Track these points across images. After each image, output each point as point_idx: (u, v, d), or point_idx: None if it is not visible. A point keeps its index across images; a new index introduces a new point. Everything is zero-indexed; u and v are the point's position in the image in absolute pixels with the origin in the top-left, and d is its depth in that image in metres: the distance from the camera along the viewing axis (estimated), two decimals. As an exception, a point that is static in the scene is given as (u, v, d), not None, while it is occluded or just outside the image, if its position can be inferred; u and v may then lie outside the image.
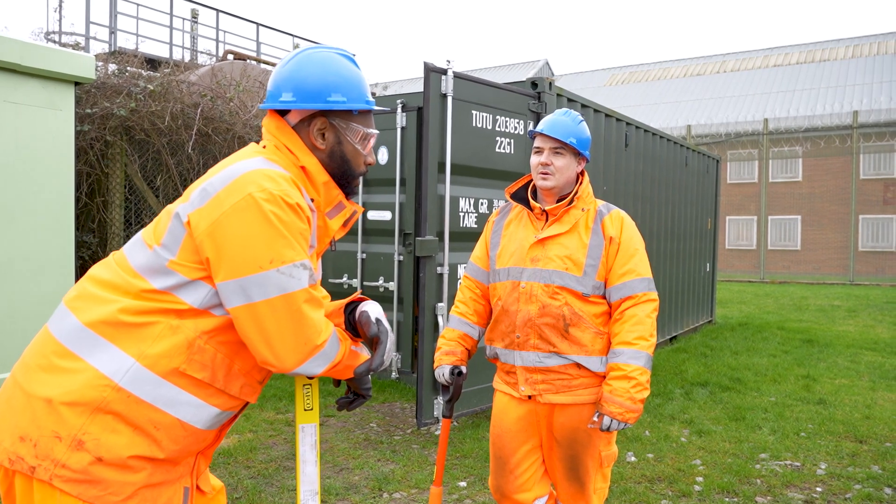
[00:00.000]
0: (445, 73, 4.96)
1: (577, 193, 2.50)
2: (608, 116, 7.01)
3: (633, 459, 4.62)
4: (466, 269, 2.73)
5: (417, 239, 4.97)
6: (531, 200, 2.56)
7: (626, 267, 2.42)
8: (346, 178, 1.73)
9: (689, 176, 9.76)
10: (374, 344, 1.69)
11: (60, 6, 10.00)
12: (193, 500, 1.65)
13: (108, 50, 10.71)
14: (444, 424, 2.63)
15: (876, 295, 17.23)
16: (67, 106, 5.97)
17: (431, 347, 4.98)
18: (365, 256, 6.65)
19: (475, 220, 5.40)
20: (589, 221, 2.48)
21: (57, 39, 10.13)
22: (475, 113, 5.23)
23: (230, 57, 11.69)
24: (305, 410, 1.68)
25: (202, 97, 8.72)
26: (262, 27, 13.58)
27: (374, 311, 1.71)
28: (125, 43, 11.01)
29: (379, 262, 6.56)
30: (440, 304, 5.13)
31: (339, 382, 1.83)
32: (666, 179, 8.79)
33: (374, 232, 6.59)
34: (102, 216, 8.05)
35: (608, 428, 2.31)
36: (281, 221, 1.49)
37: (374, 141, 1.76)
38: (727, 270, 24.66)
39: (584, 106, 6.45)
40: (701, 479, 4.28)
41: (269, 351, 1.50)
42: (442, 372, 2.59)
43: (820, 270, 23.81)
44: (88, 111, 7.64)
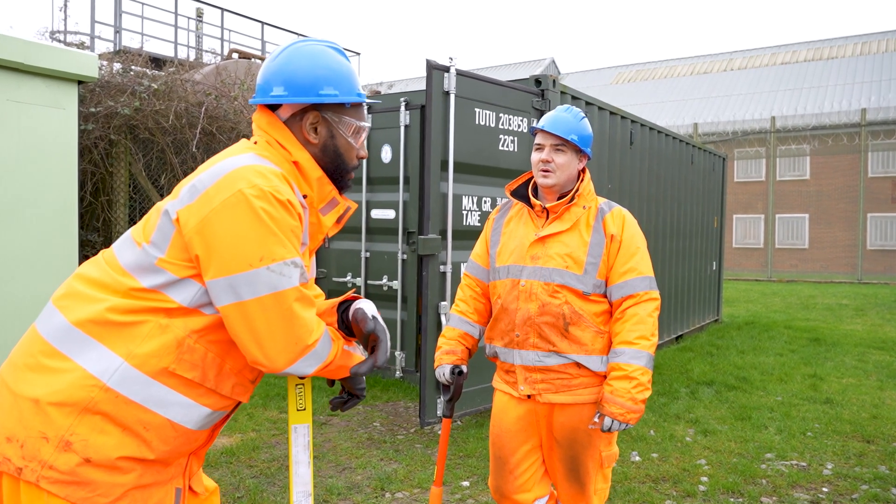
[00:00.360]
0: (448, 70, 4.93)
1: (577, 191, 2.47)
2: (613, 114, 6.96)
3: (637, 459, 4.58)
4: (466, 267, 2.70)
5: (420, 237, 4.94)
6: (532, 198, 2.52)
7: (627, 265, 2.38)
8: (339, 172, 1.70)
9: (694, 174, 9.70)
10: (370, 342, 1.66)
11: (66, 5, 10.02)
12: (185, 501, 1.62)
13: (112, 49, 10.72)
14: (444, 424, 2.60)
15: (884, 294, 17.12)
16: (71, 104, 5.96)
17: (434, 346, 4.95)
18: (369, 255, 6.63)
19: (478, 218, 5.37)
20: (590, 219, 2.45)
21: (62, 39, 10.14)
22: (478, 110, 5.20)
23: (235, 56, 11.69)
24: (298, 410, 1.65)
25: (206, 96, 8.72)
26: (267, 26, 13.58)
27: (369, 308, 1.68)
28: (130, 42, 11.03)
29: (383, 260, 6.53)
30: (443, 302, 5.10)
31: (332, 382, 1.80)
32: (671, 177, 8.74)
33: (377, 230, 6.57)
34: (107, 215, 8.05)
35: (609, 429, 2.27)
36: (271, 218, 1.47)
37: (366, 134, 1.74)
38: (734, 269, 24.55)
39: (588, 103, 6.41)
40: (706, 479, 4.24)
41: (259, 350, 1.47)
42: (442, 371, 2.56)
43: (828, 269, 23.67)
44: (93, 110, 7.64)
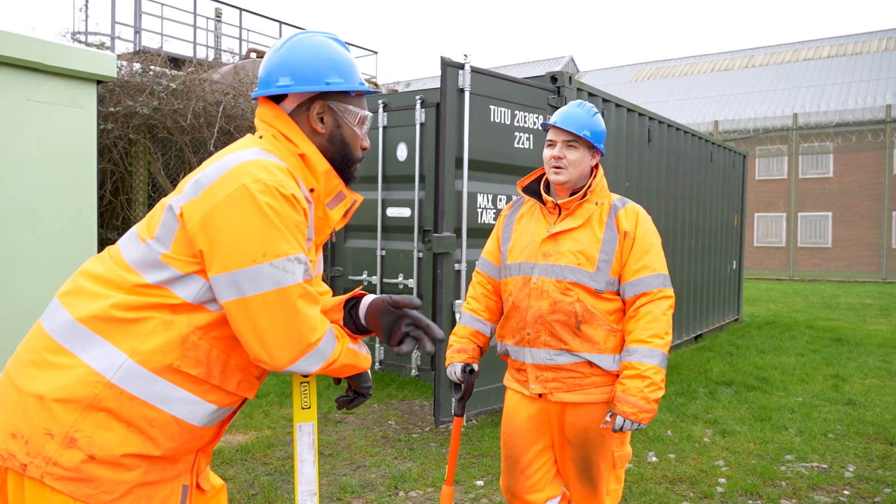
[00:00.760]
0: (463, 67, 4.90)
1: (590, 187, 2.43)
2: (630, 111, 6.89)
3: (654, 460, 4.53)
4: (478, 264, 2.68)
5: (434, 235, 4.92)
6: (543, 194, 2.49)
7: (640, 262, 2.34)
8: (345, 163, 1.69)
9: (714, 171, 9.59)
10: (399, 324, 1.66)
11: (87, 6, 10.13)
12: (193, 498, 1.61)
13: (133, 49, 10.82)
14: (455, 423, 2.57)
15: (910, 293, 16.81)
16: (90, 104, 6.02)
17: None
18: (384, 253, 6.63)
19: (493, 216, 5.34)
20: (603, 216, 2.41)
21: (83, 39, 10.25)
22: (493, 108, 5.17)
23: (253, 55, 11.74)
24: (303, 409, 1.64)
25: (224, 95, 8.77)
26: (284, 25, 13.63)
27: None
28: (149, 42, 11.13)
29: (398, 258, 6.53)
30: (458, 300, 5.08)
31: (339, 380, 1.78)
32: (690, 175, 8.64)
33: (393, 229, 6.57)
34: (126, 213, 8.12)
35: (621, 428, 2.24)
36: (275, 213, 1.45)
37: (369, 124, 1.73)
38: (755, 268, 24.26)
39: (605, 100, 6.34)
40: (724, 480, 4.18)
41: (261, 347, 1.45)
42: (453, 370, 2.53)
43: (851, 268, 23.31)
44: (112, 110, 7.71)
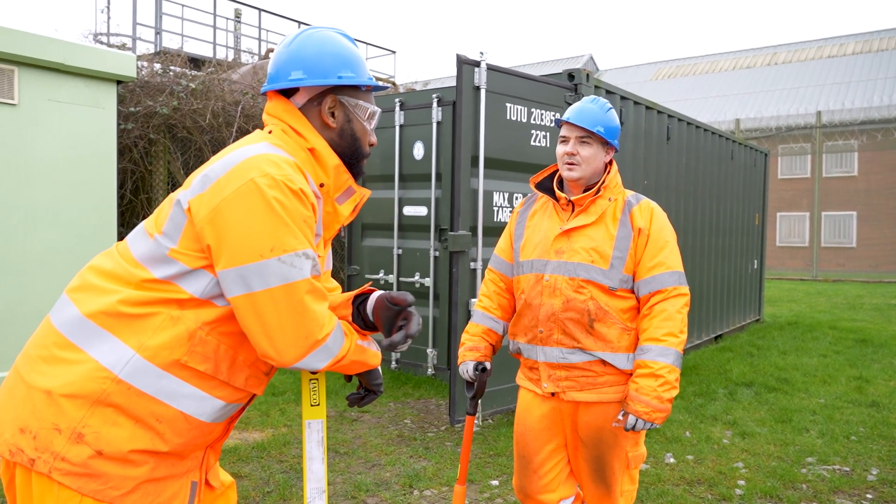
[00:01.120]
0: (479, 65, 4.88)
1: (603, 183, 2.39)
2: (649, 109, 6.83)
3: (671, 461, 4.47)
4: (490, 261, 2.65)
5: (450, 234, 4.91)
6: (557, 191, 2.46)
7: (655, 260, 2.30)
8: (355, 157, 1.69)
9: (735, 170, 9.47)
10: (398, 319, 1.68)
11: (108, 8, 10.24)
12: (202, 494, 1.61)
13: (153, 50, 10.93)
14: (467, 421, 2.55)
15: (937, 294, 16.49)
16: (110, 104, 6.08)
17: (464, 344, 4.92)
18: (401, 252, 6.62)
19: (509, 214, 5.31)
20: (617, 212, 2.38)
21: (105, 41, 10.37)
22: (509, 105, 5.14)
23: (272, 55, 11.81)
24: (312, 406, 1.63)
25: (243, 95, 8.82)
26: (303, 25, 13.70)
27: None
28: (170, 43, 11.23)
29: (415, 257, 6.52)
30: (473, 299, 5.05)
31: (350, 378, 1.77)
32: (710, 173, 8.54)
33: (409, 228, 6.55)
34: (146, 212, 8.20)
35: (633, 427, 2.20)
36: (283, 208, 1.44)
37: (377, 119, 1.72)
38: (778, 268, 23.96)
39: (623, 98, 6.29)
40: (743, 482, 4.12)
41: (268, 343, 1.45)
42: (466, 368, 2.51)
43: (877, 268, 22.93)
44: (132, 110, 7.79)
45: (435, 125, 6.23)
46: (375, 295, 1.69)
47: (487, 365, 2.51)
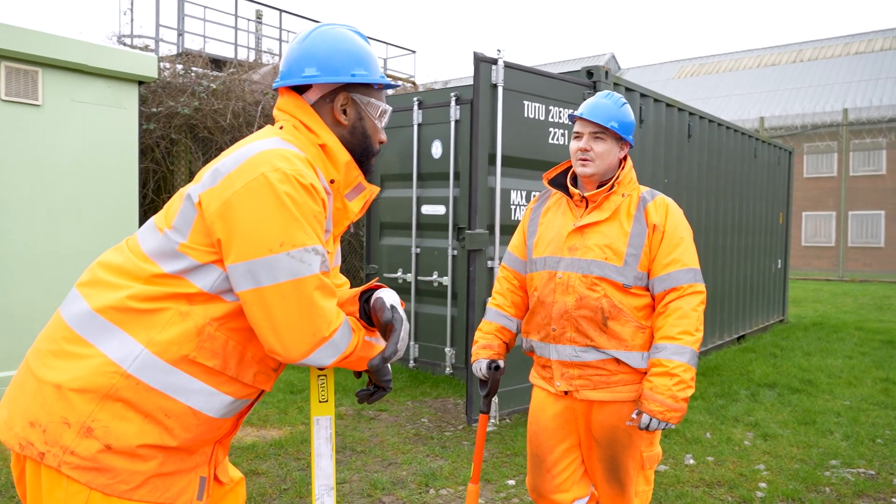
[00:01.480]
0: (496, 62, 4.86)
1: (617, 178, 2.36)
2: (669, 106, 6.75)
3: (691, 462, 4.42)
4: (504, 258, 2.63)
5: (467, 232, 4.89)
6: (570, 187, 2.43)
7: (670, 257, 2.27)
8: (365, 155, 1.69)
9: (758, 168, 9.34)
10: (388, 332, 1.61)
11: (132, 9, 10.36)
12: (210, 490, 1.61)
13: (176, 51, 11.04)
14: (481, 420, 2.53)
15: (967, 295, 16.13)
16: (132, 104, 6.14)
17: (482, 343, 4.90)
18: (419, 251, 6.62)
19: (528, 213, 5.29)
20: (631, 208, 2.34)
21: (128, 42, 10.50)
22: (527, 103, 5.11)
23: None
24: (320, 402, 1.62)
25: (264, 95, 8.88)
26: (323, 26, 13.72)
27: (389, 297, 1.64)
28: (192, 44, 11.34)
29: (433, 256, 6.51)
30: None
31: (360, 374, 1.76)
32: (733, 172, 8.43)
33: (427, 226, 6.55)
34: (168, 212, 8.29)
35: (647, 427, 2.17)
36: (294, 203, 1.44)
37: (388, 118, 1.72)
38: (803, 268, 23.60)
39: (643, 95, 6.23)
40: (764, 485, 4.05)
41: (276, 339, 1.44)
42: (479, 366, 2.50)
43: (905, 269, 22.49)
44: (154, 110, 7.87)
45: (453, 124, 6.22)
46: (378, 293, 1.68)
47: (501, 363, 2.49)
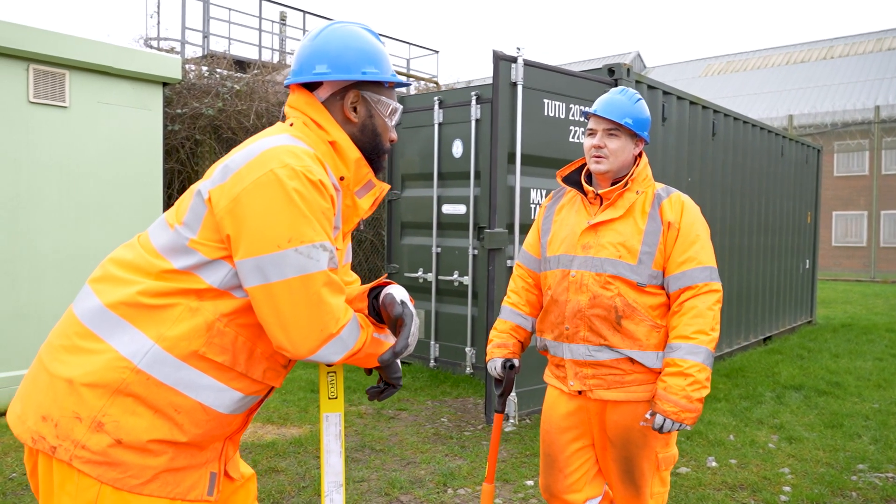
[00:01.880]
0: (515, 60, 4.84)
1: (631, 175, 2.33)
2: (693, 104, 6.67)
3: (713, 465, 4.35)
4: (518, 257, 2.62)
5: (486, 231, 4.88)
6: (584, 184, 2.41)
7: (685, 255, 2.23)
8: (375, 153, 1.70)
9: (785, 167, 9.18)
10: (398, 327, 1.61)
11: (158, 13, 10.51)
12: (221, 485, 1.62)
13: (202, 53, 11.18)
14: (496, 419, 2.52)
15: None
16: (156, 106, 6.23)
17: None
18: (440, 250, 6.62)
19: (548, 212, 5.26)
20: (646, 206, 2.31)
21: (155, 45, 10.65)
22: (547, 101, 5.08)
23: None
24: (330, 399, 1.62)
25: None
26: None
27: (398, 293, 1.63)
28: (217, 46, 11.46)
29: (453, 256, 6.51)
30: (511, 298, 5.01)
31: (370, 371, 1.76)
32: (759, 170, 8.30)
33: (448, 226, 6.55)
34: (192, 212, 8.39)
35: (661, 428, 2.14)
36: (302, 199, 1.44)
37: (399, 116, 1.72)
38: (833, 269, 23.17)
39: (665, 93, 6.16)
40: (788, 488, 3.98)
41: (283, 335, 1.45)
42: (494, 365, 2.49)
43: (940, 269, 21.96)
44: (179, 111, 7.97)
45: (474, 123, 6.21)
46: (387, 289, 1.67)
47: (516, 362, 2.48)
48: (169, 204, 8.08)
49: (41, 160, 5.40)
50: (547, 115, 5.10)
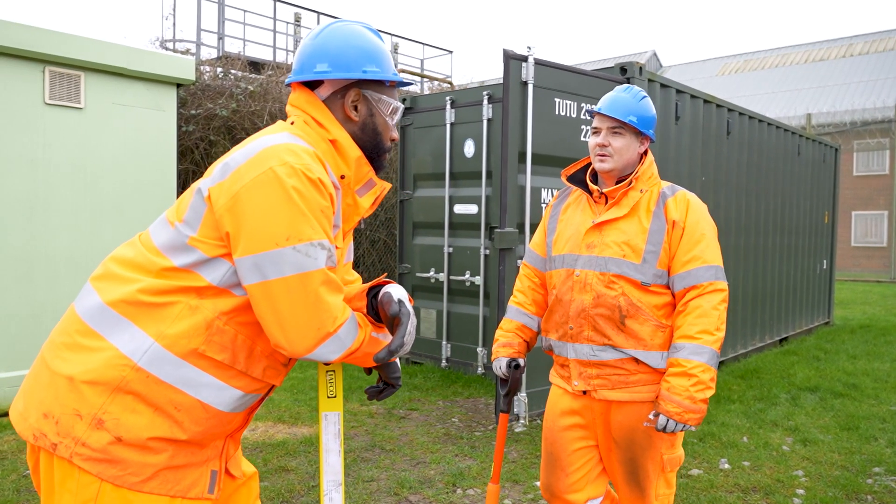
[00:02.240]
0: (526, 59, 4.82)
1: (635, 173, 2.31)
2: (707, 102, 6.61)
3: (726, 467, 4.31)
4: (525, 256, 2.61)
5: (497, 231, 4.86)
6: (590, 183, 2.39)
7: (690, 254, 2.21)
8: (375, 151, 1.70)
9: (802, 166, 9.08)
10: (394, 326, 1.61)
11: (173, 15, 10.60)
12: (222, 483, 1.62)
13: (217, 55, 11.25)
14: (501, 419, 2.51)
15: None
16: (170, 106, 6.27)
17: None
18: (451, 250, 6.61)
19: (559, 212, 5.23)
20: (651, 204, 2.29)
21: (171, 47, 10.74)
22: (558, 101, 5.06)
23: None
24: (329, 398, 1.62)
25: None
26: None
27: (396, 292, 1.63)
28: (232, 47, 11.53)
29: (465, 256, 6.50)
30: (521, 298, 4.99)
31: (370, 371, 1.76)
32: (774, 169, 8.21)
33: (460, 226, 6.54)
34: (207, 212, 8.44)
35: (664, 428, 2.11)
36: (301, 197, 1.45)
37: (400, 115, 1.72)
38: (852, 269, 22.87)
39: (679, 91, 6.11)
40: (802, 491, 3.93)
41: (281, 333, 1.45)
42: (499, 365, 2.48)
43: (962, 270, 21.59)
44: (193, 112, 8.03)
45: (485, 122, 6.20)
46: (385, 288, 1.67)
47: (521, 362, 2.47)
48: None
49: (57, 161, 5.46)
50: (558, 114, 5.08)
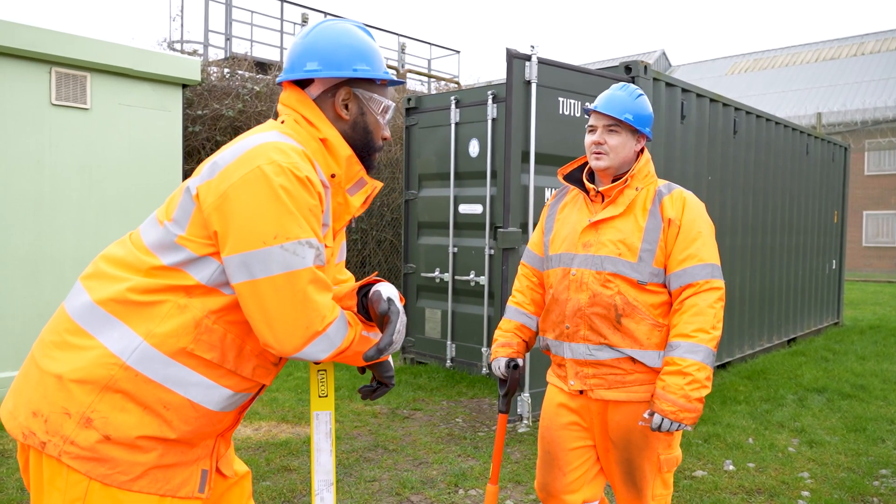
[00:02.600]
0: (529, 59, 4.80)
1: (631, 172, 2.30)
2: (714, 101, 6.57)
3: (731, 468, 4.28)
4: (523, 256, 2.59)
5: (500, 230, 4.85)
6: (586, 182, 2.38)
7: (686, 252, 2.19)
8: (366, 150, 1.69)
9: (810, 165, 9.01)
10: (384, 324, 1.60)
11: (181, 15, 10.64)
12: (212, 482, 1.62)
13: (224, 56, 11.29)
14: (500, 419, 2.50)
15: None
16: (176, 107, 6.30)
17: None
18: (456, 250, 6.60)
19: (563, 211, 5.21)
20: (647, 202, 2.27)
21: (178, 48, 10.78)
22: (562, 100, 5.04)
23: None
24: (320, 397, 1.62)
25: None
26: (371, 31, 13.84)
27: (386, 290, 1.62)
28: (239, 48, 11.57)
29: (470, 256, 6.49)
30: (525, 298, 4.98)
31: (363, 370, 1.76)
32: (782, 169, 8.15)
33: (464, 226, 6.53)
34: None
35: (659, 427, 2.10)
36: (289, 195, 1.44)
37: (391, 114, 1.71)
38: (863, 269, 22.70)
39: (684, 90, 6.08)
40: (807, 493, 3.90)
41: (269, 332, 1.44)
42: (498, 365, 2.46)
43: (975, 270, 21.40)
44: (199, 113, 8.05)
45: (490, 122, 6.19)
46: (375, 287, 1.66)
47: (520, 361, 2.45)
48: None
49: (63, 161, 5.49)
50: (562, 113, 5.06)
